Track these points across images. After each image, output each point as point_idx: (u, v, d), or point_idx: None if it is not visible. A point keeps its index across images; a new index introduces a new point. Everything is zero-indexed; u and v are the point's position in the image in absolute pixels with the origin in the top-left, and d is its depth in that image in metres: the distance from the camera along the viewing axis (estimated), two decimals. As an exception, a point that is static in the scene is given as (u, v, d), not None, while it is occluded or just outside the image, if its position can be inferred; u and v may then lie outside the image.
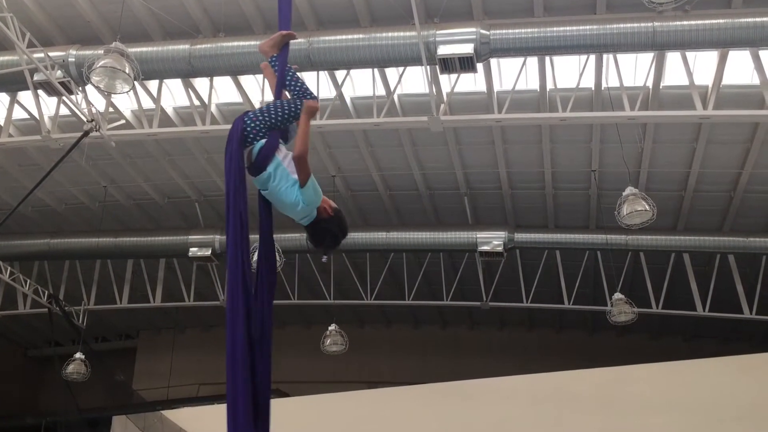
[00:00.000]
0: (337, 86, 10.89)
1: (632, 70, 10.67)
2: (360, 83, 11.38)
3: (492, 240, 13.24)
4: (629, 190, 10.67)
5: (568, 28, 9.01)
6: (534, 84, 10.89)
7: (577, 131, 11.88)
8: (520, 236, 13.57)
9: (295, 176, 3.75)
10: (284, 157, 3.89)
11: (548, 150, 12.18)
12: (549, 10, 9.62)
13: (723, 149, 11.85)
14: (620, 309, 13.27)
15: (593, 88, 10.68)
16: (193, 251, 14.03)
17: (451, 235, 13.55)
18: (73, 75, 9.97)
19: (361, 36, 9.43)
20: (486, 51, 9.25)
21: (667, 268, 14.19)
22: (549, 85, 10.66)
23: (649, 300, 14.23)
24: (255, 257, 3.93)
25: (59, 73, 9.96)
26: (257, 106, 11.17)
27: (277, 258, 12.22)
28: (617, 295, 13.35)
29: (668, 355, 13.85)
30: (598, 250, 14.01)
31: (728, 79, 10.13)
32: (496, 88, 10.92)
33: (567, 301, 14.66)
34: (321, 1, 9.91)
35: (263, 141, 3.84)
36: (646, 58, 10.31)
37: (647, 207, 10.46)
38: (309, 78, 11.10)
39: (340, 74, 10.82)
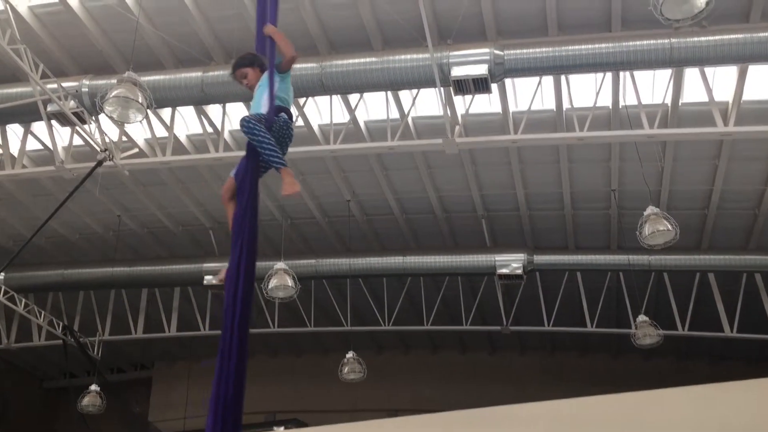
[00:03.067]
0: (351, 110, 10.95)
1: (650, 87, 10.64)
2: (373, 106, 11.43)
3: (511, 263, 13.17)
4: (650, 209, 10.59)
5: (583, 47, 9.02)
6: (550, 103, 10.88)
7: (596, 150, 11.84)
8: (540, 258, 13.49)
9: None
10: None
11: (566, 170, 12.14)
12: (563, 29, 9.65)
13: (746, 165, 11.75)
14: (645, 331, 13.11)
15: (611, 107, 10.65)
16: (208, 279, 14.05)
17: (469, 259, 13.49)
18: (86, 105, 10.10)
19: (373, 59, 9.50)
20: (500, 71, 9.27)
21: (692, 289, 14.03)
22: (565, 105, 10.65)
23: (675, 321, 14.05)
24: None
25: (72, 103, 10.09)
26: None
27: (292, 284, 12.23)
28: (641, 317, 13.20)
29: (695, 379, 13.60)
30: (621, 272, 13.88)
31: (749, 95, 10.07)
32: (512, 108, 10.92)
33: (589, 324, 14.51)
34: (333, 24, 10.00)
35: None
36: (664, 74, 10.28)
37: (670, 226, 10.37)
38: (322, 102, 11.19)
39: (353, 98, 10.89)
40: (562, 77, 10.19)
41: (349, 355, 14.66)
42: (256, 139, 3.97)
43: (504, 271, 13.17)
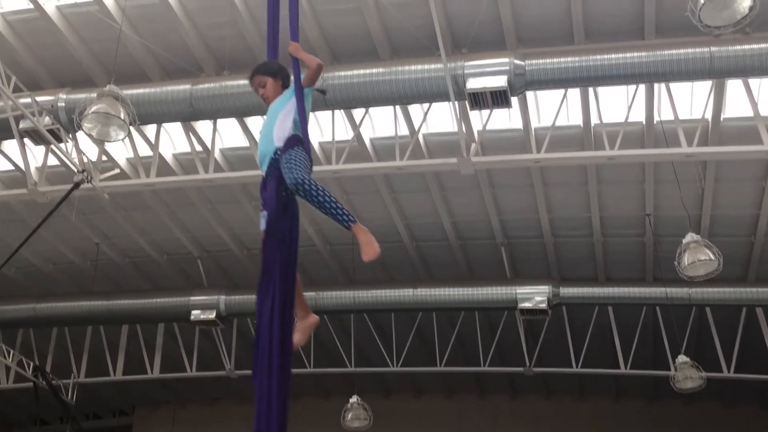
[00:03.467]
0: (355, 126, 11.00)
1: (688, 100, 10.66)
2: (380, 122, 11.48)
3: (534, 296, 13.12)
4: (690, 236, 10.55)
5: (613, 56, 9.05)
6: (576, 119, 10.90)
7: (628, 171, 11.83)
8: (567, 291, 13.43)
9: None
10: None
11: (595, 192, 12.13)
12: (591, 36, 9.70)
13: (797, 187, 11.72)
14: (685, 374, 12.98)
15: (644, 122, 10.66)
16: (196, 314, 14.05)
17: (487, 291, 13.44)
18: (62, 121, 10.17)
19: (381, 70, 9.55)
20: (521, 83, 9.30)
21: (738, 325, 13.92)
22: (594, 120, 10.67)
23: (719, 362, 13.92)
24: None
25: (47, 119, 10.16)
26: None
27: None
28: (681, 358, 13.09)
29: (743, 426, 13.49)
30: (657, 306, 13.81)
31: (799, 108, 10.08)
32: (534, 124, 10.94)
33: (623, 365, 14.41)
34: (335, 32, 10.08)
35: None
36: (704, 87, 10.30)
37: (712, 256, 10.32)
38: (324, 118, 11.24)
39: (358, 113, 10.93)
40: (590, 90, 10.22)
41: (353, 399, 14.55)
42: (317, 200, 3.80)
43: (526, 305, 13.11)
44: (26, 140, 10.53)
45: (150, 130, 11.39)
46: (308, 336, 4.18)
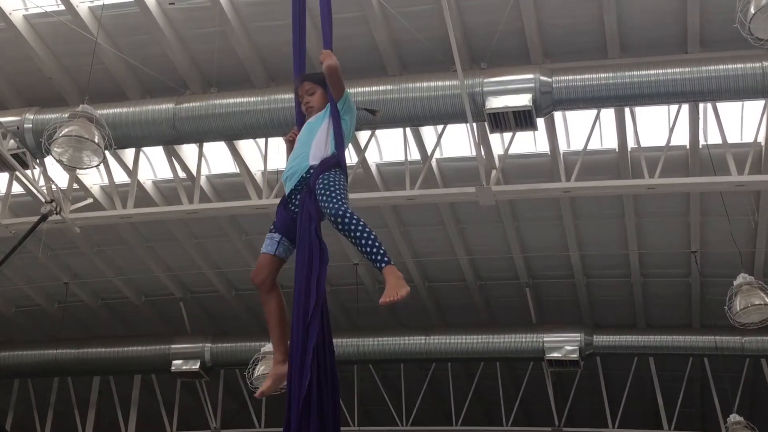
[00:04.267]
0: (360, 150, 11.02)
1: (738, 122, 10.66)
2: (388, 146, 11.51)
3: (564, 345, 13.02)
4: (742, 277, 10.48)
5: (652, 72, 9.07)
6: (611, 142, 10.91)
7: (670, 202, 11.81)
8: (601, 339, 13.33)
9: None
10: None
11: (633, 226, 12.10)
12: (627, 49, 9.74)
13: None
14: (738, 435, 12.84)
15: (688, 147, 10.66)
16: (177, 365, 13.97)
17: (510, 339, 13.34)
18: (29, 145, 10.23)
19: (388, 87, 9.59)
20: (548, 102, 9.32)
21: (799, 379, 13.81)
22: (630, 144, 10.67)
23: (777, 422, 13.78)
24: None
25: (12, 142, 10.22)
26: (258, 177, 11.32)
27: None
28: (734, 417, 12.92)
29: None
30: (705, 357, 13.69)
31: None
32: (563, 148, 10.95)
33: (666, 426, 14.25)
34: (337, 44, 10.03)
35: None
36: (755, 107, 10.30)
37: (767, 300, 10.24)
38: (324, 141, 11.26)
39: (362, 136, 10.97)
40: (626, 110, 10.23)
41: (357, 463, 14.44)
42: (355, 235, 3.82)
43: (555, 355, 13.01)
44: (-12, 166, 10.58)
45: (128, 155, 11.45)
46: (277, 387, 4.10)
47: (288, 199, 4.14)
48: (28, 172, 10.40)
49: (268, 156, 10.90)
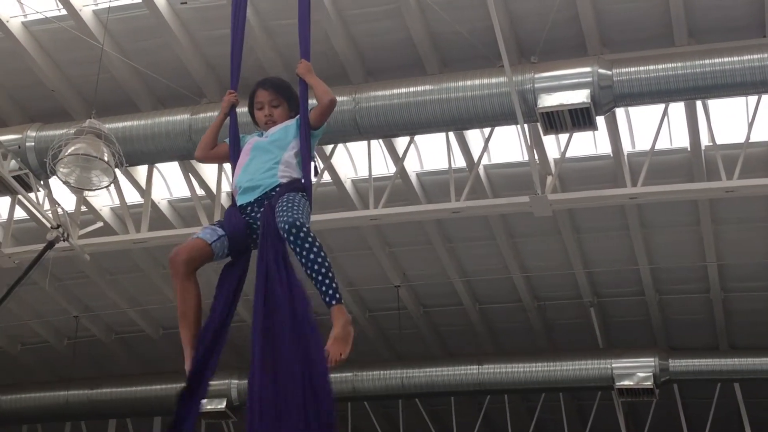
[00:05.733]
0: (398, 159, 11.03)
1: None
2: (430, 153, 11.50)
3: (636, 371, 12.91)
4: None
5: (727, 60, 8.98)
6: (682, 141, 10.82)
7: (752, 206, 11.67)
8: (678, 363, 13.20)
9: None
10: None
11: (710, 235, 11.97)
12: (696, 35, 9.65)
13: None
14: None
15: (771, 143, 10.57)
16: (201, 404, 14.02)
17: (573, 367, 13.26)
18: (32, 166, 10.36)
19: (428, 87, 9.59)
20: (608, 98, 9.26)
21: None
22: (704, 142, 10.58)
23: None
24: None
25: (13, 163, 10.35)
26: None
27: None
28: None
29: None
30: (801, 381, 13.53)
31: None
32: (627, 149, 10.87)
33: (757, 459, 14.11)
34: (369, 41, 10.18)
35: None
36: None
37: None
38: (358, 150, 11.31)
39: (400, 143, 10.98)
40: (698, 103, 10.15)
41: None
42: (309, 255, 3.79)
43: (626, 383, 12.91)
44: (-13, 190, 10.73)
45: (140, 172, 11.54)
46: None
47: (244, 207, 4.18)
48: (32, 195, 10.53)
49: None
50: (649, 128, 10.44)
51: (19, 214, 11.67)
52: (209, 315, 4.08)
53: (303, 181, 4.20)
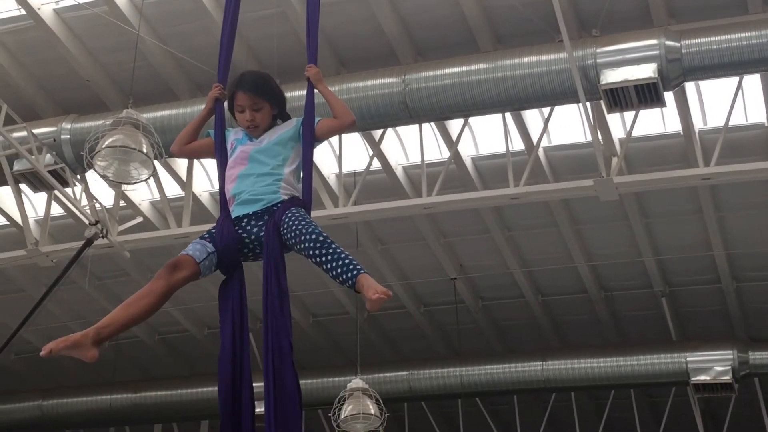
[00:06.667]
0: (451, 143, 11.02)
1: None
2: (485, 136, 11.48)
3: (713, 365, 12.80)
4: None
5: (806, 26, 8.87)
6: (759, 116, 10.69)
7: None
8: (759, 356, 13.05)
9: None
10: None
11: (792, 216, 11.85)
12: (771, 2, 9.53)
13: None
14: None
15: None
16: (250, 406, 14.14)
17: (645, 361, 13.19)
18: (68, 159, 10.49)
19: (482, 65, 9.57)
20: (677, 72, 9.17)
21: None
22: (783, 116, 10.46)
23: None
24: None
25: (48, 157, 10.47)
26: (332, 182, 11.41)
27: (376, 411, 12.18)
28: None
29: None
30: None
31: None
32: (698, 127, 10.76)
33: None
34: (418, 19, 10.17)
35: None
36: None
37: None
38: (409, 134, 11.32)
39: (454, 125, 10.96)
40: (775, 74, 10.02)
41: None
42: (332, 251, 3.92)
43: (703, 378, 12.82)
44: (22, 185, 10.88)
45: (180, 164, 11.64)
46: (69, 351, 4.00)
47: (235, 222, 4.23)
48: (69, 190, 10.61)
49: (342, 158, 10.97)
50: (722, 103, 10.33)
51: (56, 210, 11.83)
52: (221, 345, 4.24)
53: (305, 201, 4.25)
